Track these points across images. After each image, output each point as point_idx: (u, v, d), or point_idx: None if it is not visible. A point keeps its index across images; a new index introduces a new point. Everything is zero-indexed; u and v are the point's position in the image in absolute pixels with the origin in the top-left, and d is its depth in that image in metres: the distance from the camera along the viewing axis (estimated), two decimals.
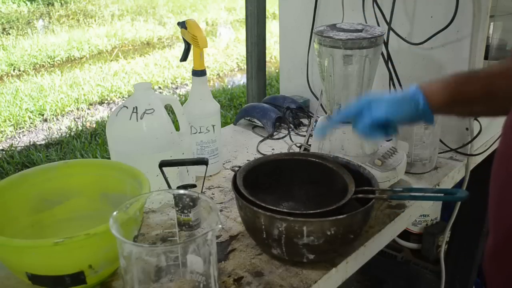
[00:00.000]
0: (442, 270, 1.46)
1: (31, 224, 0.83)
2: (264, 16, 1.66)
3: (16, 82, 4.67)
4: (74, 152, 3.16)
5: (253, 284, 0.76)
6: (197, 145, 1.09)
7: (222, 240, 0.88)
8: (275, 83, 4.16)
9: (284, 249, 0.77)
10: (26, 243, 0.68)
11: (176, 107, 1.00)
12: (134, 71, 5.00)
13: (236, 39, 6.27)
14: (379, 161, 1.01)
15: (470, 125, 1.17)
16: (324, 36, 0.98)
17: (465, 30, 1.12)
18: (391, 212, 0.97)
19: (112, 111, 1.03)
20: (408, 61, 1.22)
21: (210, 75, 4.90)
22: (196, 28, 1.03)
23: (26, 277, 0.70)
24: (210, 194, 1.05)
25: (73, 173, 0.88)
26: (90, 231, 0.66)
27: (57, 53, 5.56)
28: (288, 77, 1.56)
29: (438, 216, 1.59)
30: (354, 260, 0.85)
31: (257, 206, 0.77)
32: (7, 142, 3.49)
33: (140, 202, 0.71)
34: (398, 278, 1.69)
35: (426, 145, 1.10)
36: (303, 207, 0.93)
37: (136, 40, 6.34)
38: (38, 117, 3.90)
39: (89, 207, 0.87)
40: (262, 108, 1.39)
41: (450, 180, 1.16)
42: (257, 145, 1.29)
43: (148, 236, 0.87)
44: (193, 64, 1.05)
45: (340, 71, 1.01)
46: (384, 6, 1.18)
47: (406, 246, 1.65)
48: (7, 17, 7.21)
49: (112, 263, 0.73)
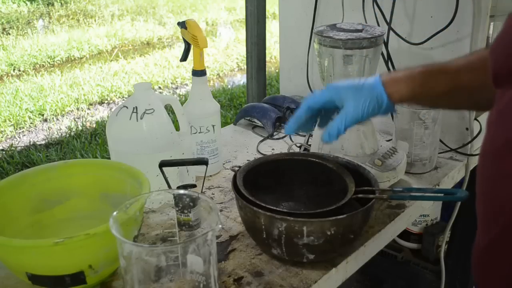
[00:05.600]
0: (442, 270, 1.46)
1: (31, 224, 0.83)
2: (264, 16, 1.66)
3: (16, 82, 4.67)
4: (74, 152, 3.16)
5: (253, 284, 0.76)
6: (197, 145, 1.09)
7: (222, 240, 0.88)
8: (275, 83, 4.16)
9: (284, 249, 0.77)
10: (26, 243, 0.68)
11: (176, 107, 1.00)
12: (134, 71, 5.00)
13: (236, 39, 6.27)
14: (379, 161, 1.01)
15: (470, 125, 1.18)
16: (324, 36, 0.99)
17: (465, 30, 1.12)
18: (391, 212, 0.97)
19: (112, 111, 1.03)
20: (408, 61, 1.22)
21: (210, 75, 4.90)
22: (196, 28, 1.03)
23: (26, 277, 0.70)
24: (210, 194, 1.05)
25: (73, 173, 0.88)
26: (90, 231, 0.66)
27: (57, 53, 5.56)
28: (288, 77, 1.56)
29: (438, 216, 1.59)
30: (354, 260, 0.85)
31: (257, 206, 0.77)
32: (7, 142, 3.49)
33: (140, 202, 0.71)
34: (398, 278, 1.69)
35: (426, 145, 1.10)
36: (303, 207, 0.93)
37: (136, 40, 6.33)
38: (38, 117, 3.90)
39: (89, 207, 0.87)
40: (262, 108, 1.39)
41: (450, 180, 1.16)
42: (257, 145, 1.29)
43: (148, 236, 0.87)
44: (193, 64, 1.05)
45: (340, 71, 1.01)
46: (384, 6, 1.18)
47: (406, 246, 1.65)
48: (7, 17, 7.21)
49: (112, 263, 0.73)
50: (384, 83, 0.75)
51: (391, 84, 0.74)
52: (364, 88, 0.75)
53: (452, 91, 0.73)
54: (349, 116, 0.74)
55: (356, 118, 0.74)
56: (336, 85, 0.77)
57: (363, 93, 0.74)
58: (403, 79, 0.75)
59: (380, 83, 0.75)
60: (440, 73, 0.73)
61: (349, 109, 0.74)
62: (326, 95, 0.77)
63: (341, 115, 0.74)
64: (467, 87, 0.72)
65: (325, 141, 0.75)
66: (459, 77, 0.72)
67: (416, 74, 0.74)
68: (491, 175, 0.55)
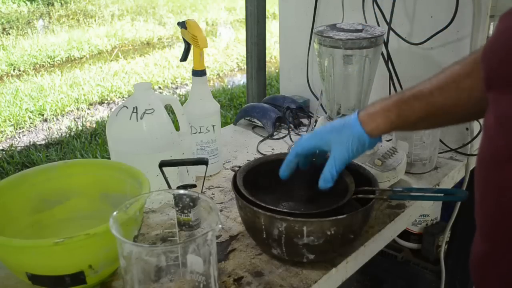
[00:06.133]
0: (442, 270, 1.46)
1: (31, 224, 0.83)
2: (264, 16, 1.65)
3: (16, 82, 4.67)
4: (74, 152, 3.16)
5: (253, 284, 0.76)
6: (197, 145, 1.09)
7: (222, 240, 0.88)
8: (275, 83, 4.16)
9: (284, 249, 0.77)
10: (26, 243, 0.68)
11: (176, 107, 1.00)
12: (134, 71, 5.00)
13: (236, 39, 6.27)
14: (379, 161, 1.01)
15: (470, 125, 1.18)
16: (324, 36, 0.98)
17: (465, 30, 1.12)
18: (391, 212, 0.97)
19: (112, 111, 1.03)
20: (408, 61, 1.22)
21: (210, 75, 4.90)
22: (196, 28, 1.03)
23: (26, 277, 0.70)
24: (210, 194, 1.05)
25: (73, 173, 0.88)
26: (90, 231, 0.66)
27: (57, 53, 5.56)
28: (288, 77, 1.56)
29: (438, 216, 1.59)
30: (354, 260, 0.85)
31: (257, 206, 0.77)
32: (7, 142, 3.49)
33: (140, 202, 0.71)
34: (398, 278, 1.69)
35: (426, 145, 1.10)
36: (303, 207, 0.93)
37: (136, 40, 6.34)
38: (38, 117, 3.90)
39: (89, 207, 0.87)
40: (262, 108, 1.39)
41: (450, 180, 1.16)
42: (257, 145, 1.29)
43: (148, 236, 0.87)
44: (193, 64, 1.05)
45: (340, 71, 1.01)
46: (384, 6, 1.18)
47: (406, 246, 1.65)
48: (7, 17, 7.22)
49: (112, 263, 0.73)
50: (361, 121, 0.77)
51: (368, 121, 0.76)
52: (345, 130, 0.78)
53: (428, 115, 0.73)
54: (337, 160, 0.77)
55: (344, 161, 0.77)
56: (319, 130, 0.81)
57: (345, 136, 0.77)
58: (379, 112, 0.76)
59: (358, 123, 0.77)
60: (415, 100, 0.74)
61: (336, 154, 0.77)
62: (311, 142, 0.81)
63: (330, 161, 0.78)
64: (442, 108, 0.72)
65: (322, 187, 0.78)
66: (433, 100, 0.72)
67: (391, 106, 0.75)
68: (492, 182, 0.55)
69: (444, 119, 0.77)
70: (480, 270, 0.60)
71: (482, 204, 0.58)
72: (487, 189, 0.56)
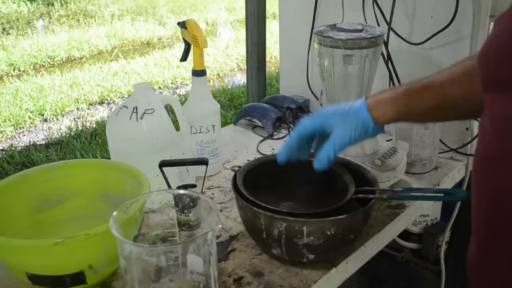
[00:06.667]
0: (442, 270, 1.46)
1: (31, 224, 0.83)
2: (264, 16, 1.65)
3: (16, 82, 4.67)
4: (74, 152, 3.16)
5: (253, 284, 0.76)
6: (197, 145, 1.09)
7: (222, 240, 0.88)
8: (275, 83, 4.16)
9: (284, 249, 0.77)
10: (26, 243, 0.68)
11: (176, 107, 1.00)
12: (134, 71, 5.00)
13: (236, 39, 6.26)
14: (379, 161, 1.01)
15: (470, 125, 1.18)
16: (324, 36, 0.98)
17: (465, 30, 1.12)
18: (391, 212, 0.97)
19: (112, 111, 1.03)
20: (408, 61, 1.22)
21: (210, 75, 4.90)
22: (196, 28, 1.03)
23: (26, 277, 0.70)
24: (210, 194, 1.05)
25: (73, 173, 0.88)
26: (90, 231, 0.66)
27: (57, 53, 5.56)
28: (288, 77, 1.56)
29: (438, 216, 1.59)
30: (354, 260, 0.85)
31: (257, 206, 0.77)
32: (7, 142, 3.49)
33: (140, 202, 0.71)
34: (398, 278, 1.69)
35: (426, 145, 1.10)
36: (303, 207, 0.93)
37: (136, 40, 6.33)
38: (38, 117, 3.90)
39: (89, 207, 0.87)
40: (262, 108, 1.39)
41: (450, 180, 1.16)
42: (257, 145, 1.29)
43: (148, 236, 0.87)
44: (193, 64, 1.05)
45: (340, 71, 1.01)
46: (384, 6, 1.18)
47: (406, 246, 1.65)
48: (7, 17, 7.21)
49: (112, 263, 0.73)
50: (369, 107, 0.75)
51: (376, 108, 0.75)
52: (350, 114, 0.76)
53: (437, 106, 0.73)
54: (337, 143, 0.75)
55: (343, 144, 0.75)
56: (324, 111, 0.79)
57: (349, 119, 0.75)
58: (388, 100, 0.75)
59: (365, 108, 0.75)
60: (424, 90, 0.73)
61: (336, 136, 0.75)
62: (315, 122, 0.79)
63: (329, 141, 0.76)
64: (452, 100, 0.72)
65: (316, 167, 0.76)
66: (443, 92, 0.72)
67: (401, 94, 0.75)
68: (487, 184, 0.55)
69: (452, 112, 0.76)
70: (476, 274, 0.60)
71: (478, 207, 0.58)
72: (482, 190, 0.56)
